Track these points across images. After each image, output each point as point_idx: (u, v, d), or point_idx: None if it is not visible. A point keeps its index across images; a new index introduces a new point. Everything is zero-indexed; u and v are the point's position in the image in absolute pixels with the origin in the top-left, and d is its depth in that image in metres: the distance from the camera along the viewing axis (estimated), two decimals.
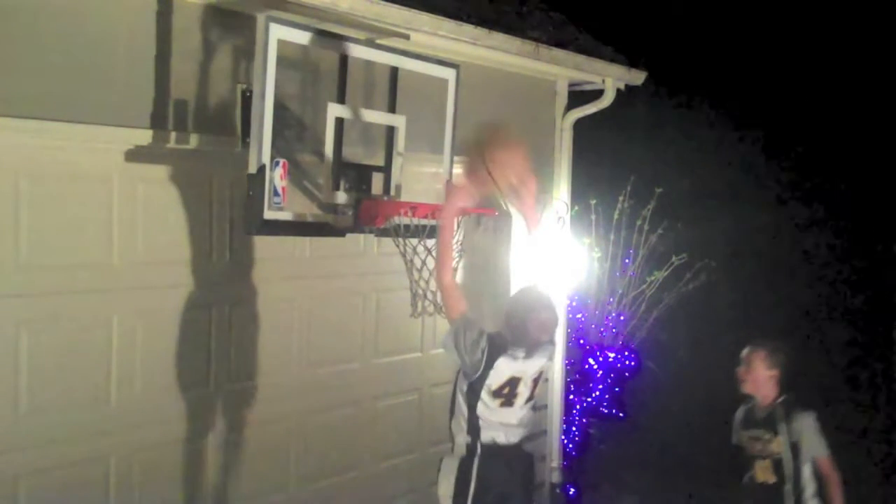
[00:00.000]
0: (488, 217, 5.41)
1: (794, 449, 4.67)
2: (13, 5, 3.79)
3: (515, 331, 3.77)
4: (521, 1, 6.84)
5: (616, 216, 7.91)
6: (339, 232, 4.62)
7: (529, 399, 3.87)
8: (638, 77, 7.08)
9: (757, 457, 4.80)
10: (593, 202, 7.73)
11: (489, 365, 3.71)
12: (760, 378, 4.78)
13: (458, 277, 4.99)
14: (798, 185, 12.63)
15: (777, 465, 4.71)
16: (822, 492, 4.68)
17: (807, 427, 4.67)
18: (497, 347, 3.74)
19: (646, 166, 9.77)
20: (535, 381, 3.88)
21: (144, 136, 4.24)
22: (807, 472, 4.68)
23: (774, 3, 12.62)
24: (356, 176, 4.64)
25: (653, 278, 8.00)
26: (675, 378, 9.83)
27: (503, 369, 3.74)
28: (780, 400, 4.76)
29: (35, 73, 3.86)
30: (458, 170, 5.40)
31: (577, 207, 7.40)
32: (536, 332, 3.76)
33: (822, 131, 12.65)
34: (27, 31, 3.83)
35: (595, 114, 7.03)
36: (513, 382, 3.78)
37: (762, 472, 4.77)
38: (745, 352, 4.89)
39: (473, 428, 3.78)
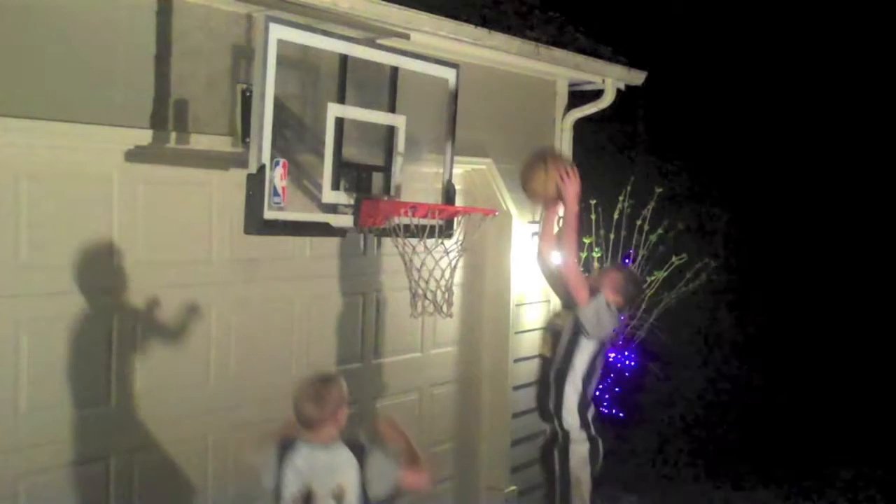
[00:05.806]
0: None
1: None
2: (13, 5, 3.78)
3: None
4: (521, 1, 6.84)
5: (616, 216, 7.91)
6: (339, 232, 4.62)
7: None
8: (638, 77, 7.08)
9: None
10: (593, 202, 7.72)
11: None
12: None
13: (458, 277, 5.01)
14: (798, 185, 12.64)
15: None
16: None
17: None
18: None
19: (646, 166, 9.77)
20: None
21: (144, 136, 4.24)
22: None
23: (774, 3, 12.63)
24: (356, 176, 4.63)
25: (653, 278, 8.00)
26: (674, 377, 9.84)
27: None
28: None
29: (35, 73, 3.85)
30: (458, 170, 5.42)
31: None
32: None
33: (823, 131, 12.66)
34: (27, 31, 3.82)
35: (595, 114, 7.03)
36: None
37: None
38: None
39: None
